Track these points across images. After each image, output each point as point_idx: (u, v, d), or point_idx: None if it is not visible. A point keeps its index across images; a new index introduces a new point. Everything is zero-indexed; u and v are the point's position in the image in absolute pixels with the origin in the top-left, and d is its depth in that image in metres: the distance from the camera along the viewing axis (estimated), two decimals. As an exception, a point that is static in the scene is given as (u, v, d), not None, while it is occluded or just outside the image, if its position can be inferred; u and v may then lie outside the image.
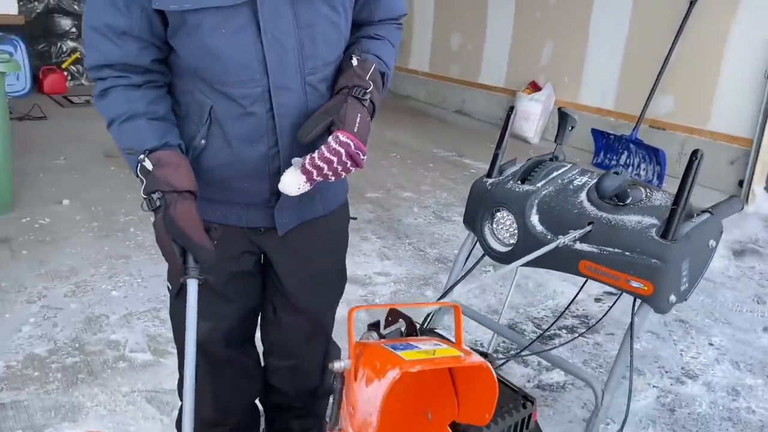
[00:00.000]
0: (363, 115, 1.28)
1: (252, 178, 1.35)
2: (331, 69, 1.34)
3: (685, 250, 1.38)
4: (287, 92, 1.27)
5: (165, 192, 1.20)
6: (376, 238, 3.69)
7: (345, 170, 1.28)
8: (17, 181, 3.87)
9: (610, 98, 5.57)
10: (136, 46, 1.22)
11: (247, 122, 1.28)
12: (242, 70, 1.24)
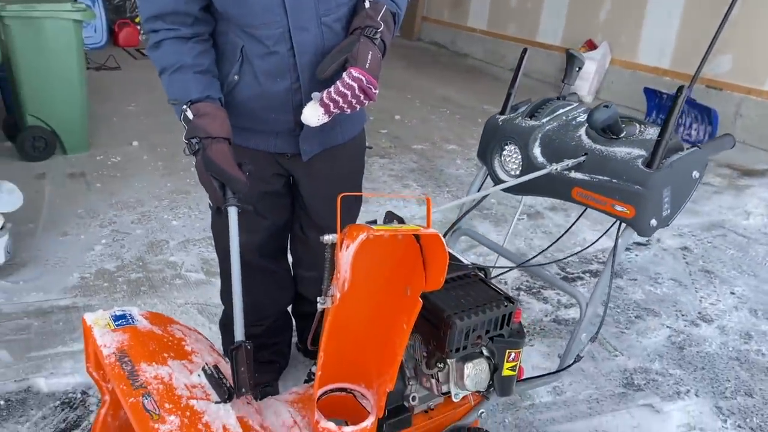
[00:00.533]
0: (374, 52, 1.44)
1: (278, 109, 1.54)
2: (344, 10, 1.50)
3: (667, 178, 1.51)
4: (305, 32, 1.45)
5: (202, 138, 1.39)
6: (416, 186, 3.88)
7: (359, 103, 1.45)
8: (94, 124, 4.25)
9: (666, 57, 5.49)
10: None
11: (272, 60, 1.47)
12: (265, 13, 1.42)
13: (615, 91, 5.95)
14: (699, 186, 1.62)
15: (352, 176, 1.83)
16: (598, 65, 5.83)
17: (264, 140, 1.64)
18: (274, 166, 1.71)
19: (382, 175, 4.00)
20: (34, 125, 3.73)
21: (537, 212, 3.57)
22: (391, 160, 4.29)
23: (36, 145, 3.75)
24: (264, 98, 1.54)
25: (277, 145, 1.65)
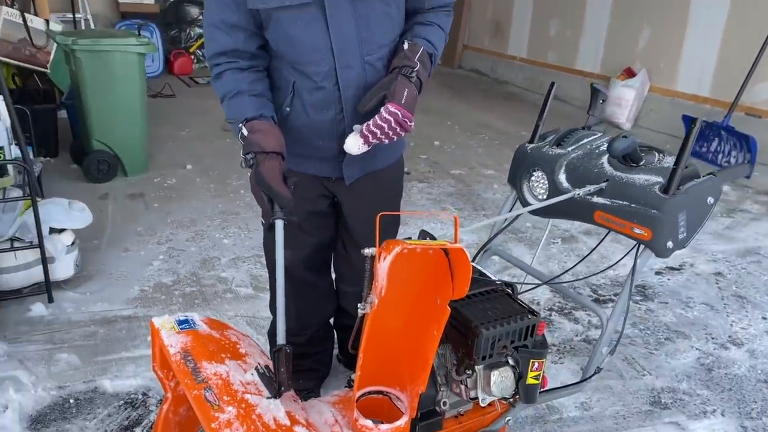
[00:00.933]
0: (410, 89, 1.62)
1: (324, 137, 1.72)
2: (386, 50, 1.68)
3: (682, 203, 1.63)
4: (350, 70, 1.63)
5: (256, 153, 1.57)
6: (454, 209, 4.02)
7: (395, 134, 1.63)
8: (152, 148, 4.54)
9: (706, 85, 5.52)
10: (243, 35, 1.63)
11: (319, 94, 1.66)
12: (314, 53, 1.61)
13: (654, 119, 5.99)
14: (737, 213, 1.72)
15: (391, 199, 1.99)
16: (637, 93, 5.90)
17: (312, 165, 1.82)
18: (320, 189, 1.88)
19: (420, 199, 4.16)
20: (99, 149, 4.04)
21: (571, 236, 3.67)
22: (429, 184, 4.45)
23: (100, 168, 4.05)
24: (312, 127, 1.72)
25: (323, 170, 1.83)
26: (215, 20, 1.64)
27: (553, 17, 7.17)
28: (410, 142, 5.47)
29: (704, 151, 5.13)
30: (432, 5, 1.75)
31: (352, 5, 1.59)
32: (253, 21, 1.63)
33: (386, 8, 1.65)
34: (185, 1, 7.68)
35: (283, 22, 1.60)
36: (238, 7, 1.60)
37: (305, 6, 1.57)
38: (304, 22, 1.59)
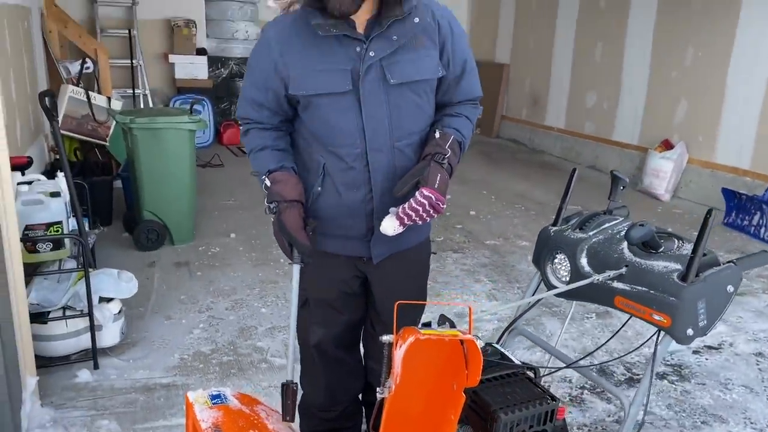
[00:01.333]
0: (443, 175, 1.73)
1: (353, 216, 1.83)
2: (416, 137, 1.80)
3: (701, 291, 1.66)
4: (379, 153, 1.76)
5: (279, 202, 1.73)
6: (487, 281, 4.06)
7: (429, 216, 1.73)
8: (198, 217, 4.76)
9: (746, 158, 5.50)
10: (268, 113, 1.81)
11: (350, 174, 1.78)
12: (348, 137, 1.75)
13: (694, 190, 5.97)
14: None
15: (419, 278, 2.08)
16: (675, 164, 5.90)
17: (342, 244, 1.91)
18: (352, 269, 1.97)
19: (454, 269, 4.22)
20: (149, 219, 4.26)
21: (606, 311, 3.65)
22: (464, 254, 4.51)
23: (149, 237, 4.27)
24: (342, 206, 1.83)
25: (354, 249, 1.91)
26: (248, 96, 1.84)
27: (590, 90, 7.30)
28: (446, 211, 5.57)
29: (746, 224, 5.07)
30: (460, 99, 1.87)
31: (386, 95, 1.73)
32: (279, 104, 1.80)
33: (418, 99, 1.78)
34: (236, 76, 8.12)
35: (321, 107, 1.74)
36: (267, 90, 1.79)
37: (343, 94, 1.72)
38: (341, 108, 1.73)
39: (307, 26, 1.70)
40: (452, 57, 1.80)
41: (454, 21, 1.82)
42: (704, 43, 5.84)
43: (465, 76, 1.85)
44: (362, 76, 1.69)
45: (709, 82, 5.80)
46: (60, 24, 5.91)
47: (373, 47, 1.69)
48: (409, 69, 1.72)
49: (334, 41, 1.69)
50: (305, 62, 1.71)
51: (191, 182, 4.32)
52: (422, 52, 1.74)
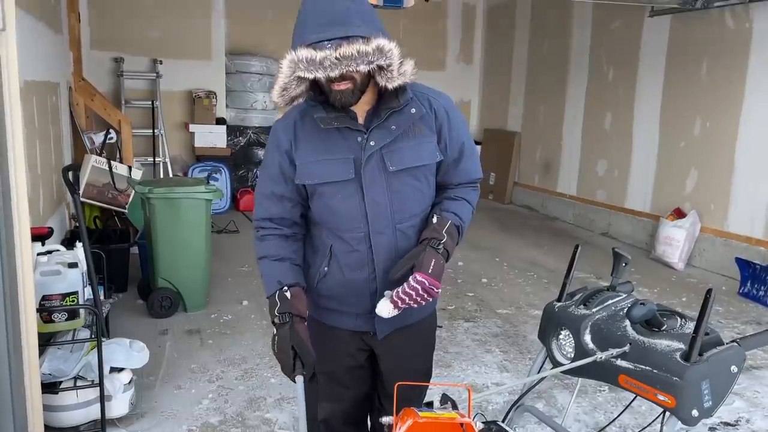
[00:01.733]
0: (437, 259, 1.78)
1: (358, 294, 1.88)
2: (417, 219, 1.87)
3: (705, 372, 1.66)
4: (382, 236, 1.82)
5: (293, 314, 1.77)
6: (499, 351, 4.03)
7: (423, 300, 1.77)
8: (212, 284, 4.82)
9: (759, 227, 5.49)
10: (290, 204, 1.87)
11: (354, 256, 1.84)
12: (352, 221, 1.82)
13: (708, 259, 5.94)
14: None
15: (425, 352, 2.09)
16: (688, 233, 5.90)
17: (348, 320, 1.96)
18: (358, 343, 2.00)
19: (465, 339, 4.20)
20: (163, 287, 4.33)
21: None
22: (475, 323, 4.50)
23: (163, 305, 4.32)
24: (347, 285, 1.89)
25: (359, 324, 1.95)
26: (267, 191, 1.89)
27: (602, 158, 7.40)
28: (458, 279, 5.58)
29: (762, 295, 5.01)
30: (460, 181, 1.94)
31: (387, 181, 1.81)
32: (299, 193, 1.87)
33: (417, 184, 1.86)
34: (253, 145, 8.35)
35: (325, 194, 1.82)
36: (287, 181, 1.85)
37: (346, 182, 1.80)
38: (344, 195, 1.81)
39: (311, 119, 1.80)
40: (449, 142, 1.87)
41: (451, 107, 1.90)
42: (711, 114, 5.94)
43: (463, 159, 1.92)
44: (364, 165, 1.78)
45: (718, 152, 5.87)
46: (87, 97, 6.18)
47: (374, 137, 1.77)
48: (407, 156, 1.80)
49: (337, 133, 1.79)
50: (310, 153, 1.81)
51: (206, 250, 4.40)
52: (420, 139, 1.82)
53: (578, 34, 7.69)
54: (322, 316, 1.98)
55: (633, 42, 6.82)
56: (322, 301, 1.93)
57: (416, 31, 9.01)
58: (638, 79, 6.81)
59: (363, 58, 1.61)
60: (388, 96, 1.77)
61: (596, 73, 7.44)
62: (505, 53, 9.14)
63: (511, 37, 9.01)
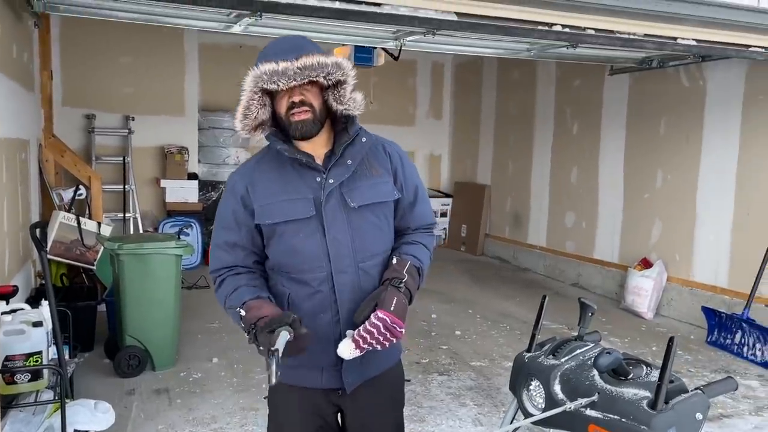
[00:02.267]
0: (399, 298, 1.80)
1: (322, 341, 1.85)
2: (379, 258, 1.89)
3: (671, 419, 1.68)
4: (345, 275, 1.83)
5: (256, 323, 1.72)
6: (473, 405, 4.00)
7: (386, 340, 1.77)
8: (181, 341, 4.73)
9: (722, 276, 5.63)
10: (243, 253, 1.88)
11: (316, 298, 1.84)
12: (314, 260, 1.83)
13: (676, 308, 6.04)
14: (766, 410, 1.75)
15: (395, 408, 2.07)
16: (655, 283, 6.01)
17: (313, 376, 1.92)
18: (326, 403, 1.95)
19: (439, 393, 4.17)
20: (131, 345, 4.24)
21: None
22: (449, 377, 4.47)
23: (130, 363, 4.22)
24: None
25: (325, 380, 1.91)
26: (219, 242, 1.91)
27: (569, 210, 7.56)
28: (431, 331, 5.56)
29: (728, 343, 5.09)
30: (416, 225, 2.00)
31: (347, 218, 1.85)
32: (252, 240, 1.88)
33: (377, 221, 1.91)
34: (225, 199, 8.35)
35: (286, 234, 1.84)
36: (240, 227, 1.88)
37: (307, 219, 1.83)
38: (306, 233, 1.84)
39: (269, 164, 1.87)
40: (405, 183, 1.96)
41: (403, 153, 2.01)
42: (672, 167, 6.16)
43: (418, 202, 2.00)
44: (324, 203, 1.82)
45: (680, 204, 6.05)
46: (57, 153, 6.16)
47: (332, 175, 1.84)
48: (367, 193, 1.87)
49: (295, 174, 1.85)
50: (269, 194, 1.84)
51: (176, 307, 4.34)
52: (377, 179, 1.90)
53: (543, 91, 7.98)
54: (284, 376, 1.88)
55: (595, 98, 7.09)
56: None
57: (387, 89, 9.24)
58: (602, 133, 7.05)
59: (323, 69, 1.74)
60: (340, 134, 1.87)
61: (561, 127, 7.69)
62: (474, 109, 9.40)
63: (478, 94, 9.30)
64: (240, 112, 1.81)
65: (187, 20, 4.48)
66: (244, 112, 1.80)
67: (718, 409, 3.97)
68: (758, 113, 5.34)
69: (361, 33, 4.58)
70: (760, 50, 3.63)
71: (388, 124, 9.20)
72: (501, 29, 3.14)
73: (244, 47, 8.02)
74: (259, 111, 1.80)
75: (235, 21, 4.18)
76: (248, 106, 1.79)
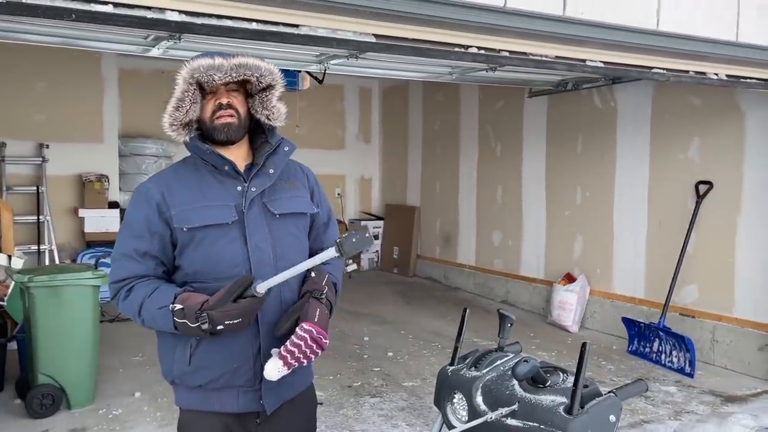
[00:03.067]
0: (321, 309, 1.79)
1: (240, 358, 1.79)
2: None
3: (586, 423, 1.72)
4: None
5: (203, 308, 1.62)
6: (405, 425, 3.98)
7: (312, 352, 1.73)
8: (100, 377, 4.50)
9: (640, 288, 5.88)
10: (153, 263, 1.79)
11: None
12: (234, 268, 1.78)
13: (599, 320, 6.25)
14: (683, 415, 1.80)
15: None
16: (579, 296, 6.21)
17: (228, 399, 1.82)
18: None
19: (371, 416, 4.13)
20: (44, 383, 3.99)
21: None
22: (381, 399, 4.44)
23: (44, 403, 3.97)
24: (227, 347, 1.78)
25: (241, 403, 1.83)
26: (127, 250, 1.79)
27: (496, 228, 7.74)
28: (363, 354, 5.52)
29: (647, 351, 5.30)
30: (329, 247, 1.98)
31: (269, 226, 1.84)
32: (164, 251, 1.80)
33: (297, 232, 1.92)
34: (150, 228, 8.08)
35: (206, 240, 1.78)
36: (152, 236, 1.79)
37: (228, 225, 1.79)
38: (227, 240, 1.79)
39: (187, 172, 1.84)
40: (320, 203, 2.02)
41: (316, 177, 2.07)
42: (590, 184, 6.42)
43: (331, 225, 2.05)
44: (246, 210, 1.81)
45: (598, 219, 6.31)
46: (-37, 183, 5.81)
47: (254, 184, 1.84)
48: (288, 203, 1.89)
49: (215, 182, 1.82)
50: (188, 200, 1.80)
51: (93, 340, 4.13)
52: (296, 192, 1.93)
53: (467, 113, 8.19)
54: (196, 403, 1.84)
55: (516, 120, 7.34)
56: (196, 380, 1.80)
57: (315, 113, 9.25)
58: (523, 153, 7.29)
59: (257, 70, 1.79)
60: (261, 145, 1.89)
61: (485, 148, 7.89)
62: (402, 132, 9.54)
63: (405, 117, 9.45)
64: (171, 105, 1.79)
65: (104, 43, 4.34)
66: (177, 104, 1.78)
67: (639, 416, 4.12)
68: (665, 130, 5.66)
69: (284, 56, 4.58)
70: (661, 71, 3.86)
71: (318, 148, 9.21)
72: (418, 50, 3.20)
73: (166, 72, 7.85)
74: (191, 106, 1.79)
75: (153, 44, 4.09)
76: (182, 98, 1.77)
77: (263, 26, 2.89)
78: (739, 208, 5.04)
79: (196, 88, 1.79)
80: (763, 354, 4.81)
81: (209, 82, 1.77)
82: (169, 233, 1.79)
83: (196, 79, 1.77)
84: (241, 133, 1.85)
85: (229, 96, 1.81)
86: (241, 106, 1.83)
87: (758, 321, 4.86)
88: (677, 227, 5.44)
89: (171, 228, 1.78)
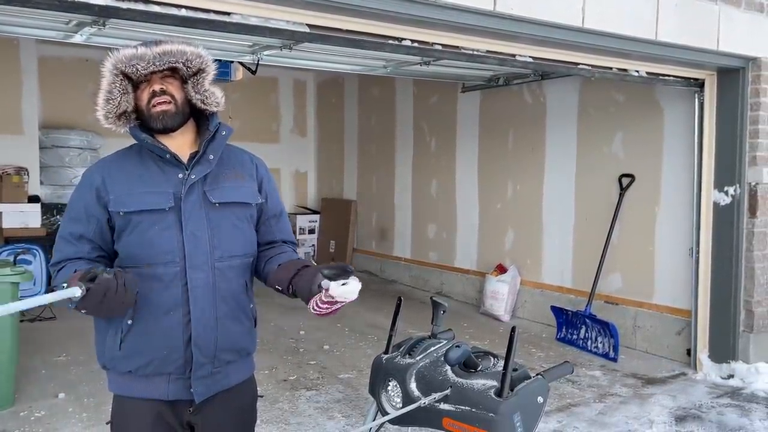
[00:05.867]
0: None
1: (170, 345, 1.76)
2: (237, 261, 1.85)
3: (515, 405, 1.78)
4: (199, 271, 1.77)
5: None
6: (341, 417, 3.99)
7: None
8: (21, 378, 4.29)
9: (567, 277, 6.10)
10: (89, 247, 1.78)
11: (167, 294, 1.74)
12: (167, 254, 1.76)
13: (529, 310, 6.44)
14: (607, 397, 1.87)
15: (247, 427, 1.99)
16: (510, 286, 6.38)
17: (158, 385, 1.79)
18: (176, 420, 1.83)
19: (307, 409, 4.11)
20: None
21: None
22: (317, 391, 4.43)
23: (-43, 406, 3.75)
24: (156, 334, 1.76)
25: (171, 391, 1.80)
26: (65, 233, 1.81)
27: (431, 222, 7.84)
28: (299, 348, 5.49)
29: (575, 338, 5.51)
30: (282, 238, 2.02)
31: (207, 214, 1.81)
32: (101, 235, 1.79)
33: (238, 223, 1.88)
34: (74, 223, 7.75)
35: (141, 225, 1.76)
36: (89, 220, 1.78)
37: (164, 211, 1.77)
38: (162, 226, 1.77)
39: (130, 159, 1.82)
40: (270, 195, 1.98)
41: (268, 170, 2.03)
42: (520, 178, 6.60)
43: (282, 217, 2.03)
44: (184, 197, 1.78)
45: (528, 212, 6.50)
46: None
47: (194, 171, 1.82)
48: (229, 193, 1.86)
49: (156, 169, 1.80)
50: (128, 185, 1.78)
51: (11, 340, 3.93)
52: (241, 183, 1.90)
53: (402, 107, 8.24)
54: (126, 388, 1.82)
55: (450, 114, 7.45)
56: (127, 365, 1.77)
57: (249, 105, 9.10)
58: (457, 147, 7.41)
59: (183, 55, 1.77)
60: (202, 132, 1.87)
61: (420, 142, 7.98)
62: (337, 126, 9.51)
63: (341, 110, 9.42)
64: (102, 98, 1.77)
65: (22, 28, 4.12)
66: (107, 96, 1.77)
67: (567, 399, 4.28)
68: (590, 125, 5.88)
69: (216, 45, 4.48)
70: (586, 67, 4.01)
71: (252, 141, 9.03)
72: (352, 42, 3.20)
73: (90, 60, 7.53)
74: (122, 97, 1.77)
75: (76, 30, 3.92)
76: (111, 90, 1.76)
77: (193, 13, 2.82)
78: (659, 200, 5.31)
79: (123, 78, 1.78)
80: (681, 338, 5.09)
81: (134, 72, 1.76)
82: (107, 217, 1.79)
83: (120, 70, 1.76)
84: (179, 120, 1.82)
85: (162, 82, 1.79)
86: (177, 92, 1.81)
87: (676, 307, 5.14)
88: (602, 219, 5.66)
89: (109, 212, 1.78)
